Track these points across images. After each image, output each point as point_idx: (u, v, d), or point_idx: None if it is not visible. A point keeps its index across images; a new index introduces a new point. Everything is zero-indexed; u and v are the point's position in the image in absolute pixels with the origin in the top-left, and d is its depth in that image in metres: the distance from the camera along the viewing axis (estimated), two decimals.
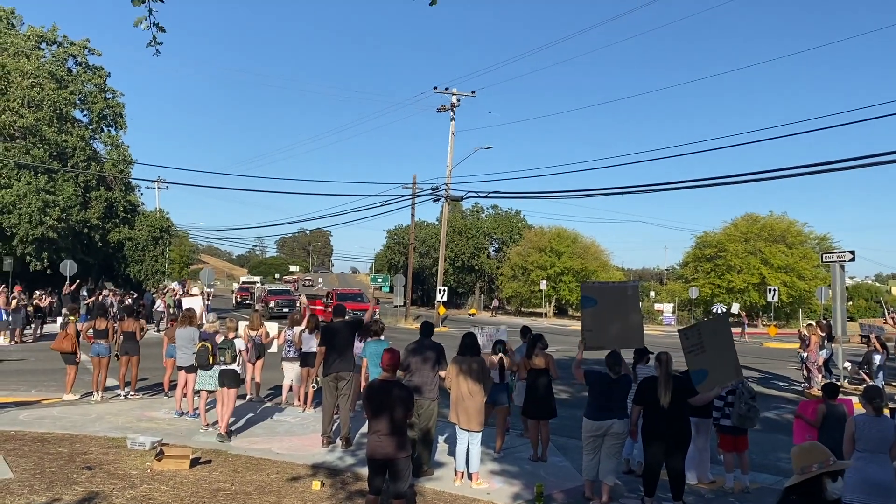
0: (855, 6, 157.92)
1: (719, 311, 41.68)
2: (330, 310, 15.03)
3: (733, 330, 11.77)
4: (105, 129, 40.43)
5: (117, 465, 8.14)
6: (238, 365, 9.97)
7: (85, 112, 39.69)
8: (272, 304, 39.56)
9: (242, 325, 12.95)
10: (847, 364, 18.54)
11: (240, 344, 10.07)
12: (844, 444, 6.29)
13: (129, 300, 26.82)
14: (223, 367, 9.83)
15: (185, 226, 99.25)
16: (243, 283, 63.75)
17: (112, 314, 19.54)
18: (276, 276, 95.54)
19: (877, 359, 15.88)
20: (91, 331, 12.78)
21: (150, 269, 42.13)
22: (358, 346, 10.53)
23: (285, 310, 35.99)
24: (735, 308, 43.85)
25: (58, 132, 35.10)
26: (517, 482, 8.14)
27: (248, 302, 49.11)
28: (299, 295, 41.28)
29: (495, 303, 61.49)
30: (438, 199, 39.72)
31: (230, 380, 9.82)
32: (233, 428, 10.08)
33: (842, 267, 18.79)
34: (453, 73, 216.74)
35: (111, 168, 39.04)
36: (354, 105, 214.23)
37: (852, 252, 18.64)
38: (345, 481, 7.88)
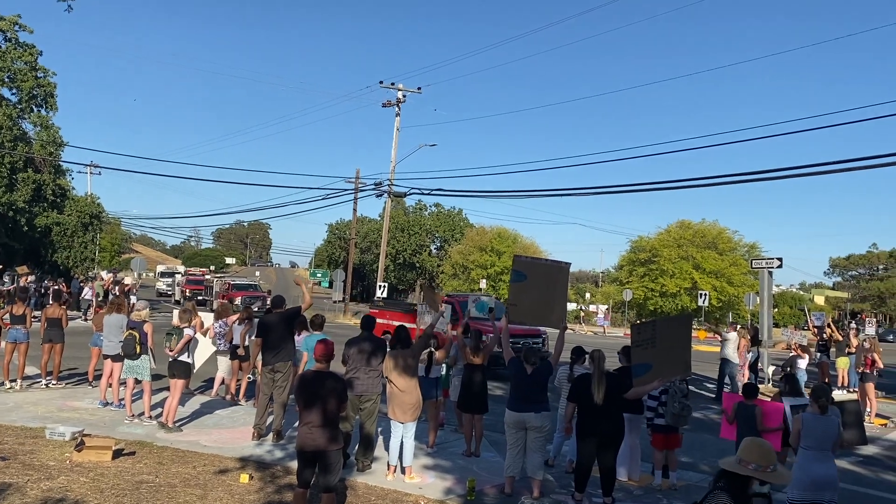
0: (814, 13, 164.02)
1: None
2: (455, 331, 10.47)
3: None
4: (35, 109, 38.81)
5: (34, 456, 7.79)
6: (188, 355, 9.72)
7: (13, 90, 38.00)
8: (237, 300, 32.00)
9: (176, 313, 12.61)
10: (771, 367, 19.24)
11: (189, 333, 9.77)
12: (791, 440, 6.59)
13: (33, 285, 25.70)
14: (173, 357, 9.61)
15: (118, 213, 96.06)
16: (184, 274, 58.35)
17: (30, 300, 18.72)
18: (212, 267, 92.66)
19: (801, 364, 16.46)
20: (7, 316, 12.23)
21: (78, 255, 40.70)
22: (298, 339, 10.35)
23: (255, 308, 26.56)
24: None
25: None
26: (450, 477, 8.12)
27: (200, 297, 40.28)
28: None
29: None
30: (381, 195, 39.52)
31: (180, 371, 9.58)
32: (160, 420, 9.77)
33: (770, 273, 19.47)
34: (399, 69, 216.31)
35: (40, 150, 37.51)
36: (298, 96, 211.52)
37: (780, 259, 19.34)
38: (274, 474, 7.73)
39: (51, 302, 13.32)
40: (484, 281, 53.25)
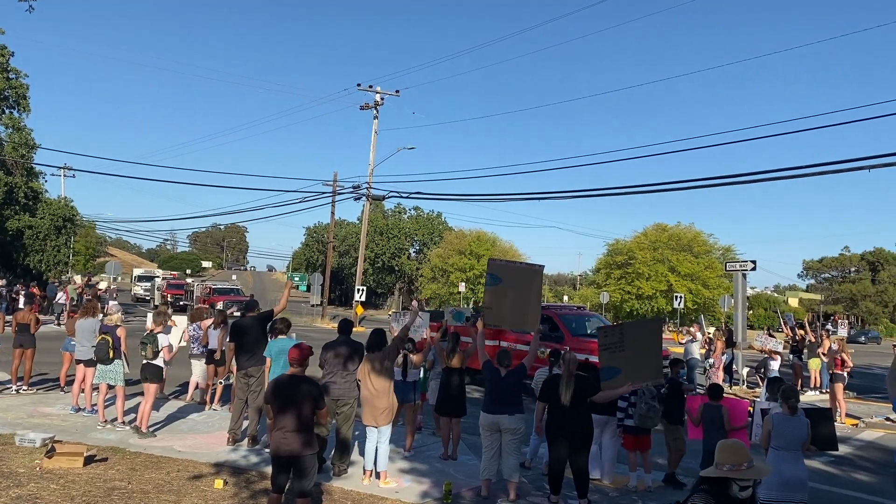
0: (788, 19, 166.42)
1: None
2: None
3: None
4: (6, 111, 38.24)
5: (3, 463, 7.66)
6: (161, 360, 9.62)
7: None
8: (219, 304, 29.82)
9: (149, 316, 12.48)
10: (746, 369, 19.48)
11: (163, 339, 9.64)
12: (761, 441, 6.65)
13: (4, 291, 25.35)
14: (146, 361, 9.52)
15: (93, 216, 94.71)
16: (164, 278, 56.77)
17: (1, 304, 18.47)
18: (188, 271, 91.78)
19: (773, 365, 16.69)
20: None
21: (52, 259, 40.09)
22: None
23: (237, 313, 24.76)
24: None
25: None
26: (426, 480, 8.11)
27: (182, 302, 38.70)
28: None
29: (414, 304, 61.25)
30: (360, 198, 39.45)
31: (152, 374, 9.48)
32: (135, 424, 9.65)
33: (744, 276, 19.70)
34: (377, 72, 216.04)
35: (12, 152, 36.95)
36: (275, 98, 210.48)
37: (754, 262, 19.58)
38: (249, 480, 7.67)
39: (21, 306, 13.08)
40: (463, 284, 53.28)
